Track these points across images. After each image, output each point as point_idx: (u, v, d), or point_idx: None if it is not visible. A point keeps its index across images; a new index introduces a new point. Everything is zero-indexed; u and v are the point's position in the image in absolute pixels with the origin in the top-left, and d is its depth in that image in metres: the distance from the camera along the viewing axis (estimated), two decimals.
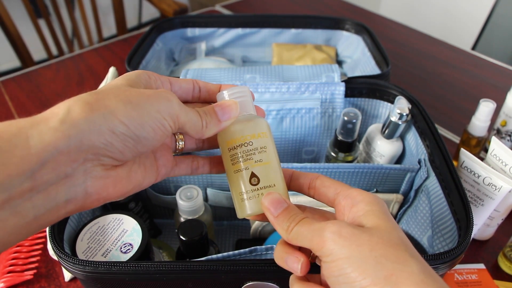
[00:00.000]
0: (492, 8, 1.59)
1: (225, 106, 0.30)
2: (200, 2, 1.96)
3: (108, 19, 1.90)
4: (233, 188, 0.31)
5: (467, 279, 0.53)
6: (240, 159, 0.30)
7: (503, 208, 0.53)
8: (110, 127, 0.24)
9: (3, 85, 0.90)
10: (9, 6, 1.15)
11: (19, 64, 1.20)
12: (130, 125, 0.24)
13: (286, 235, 0.28)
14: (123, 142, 0.25)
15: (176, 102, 0.27)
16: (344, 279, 0.24)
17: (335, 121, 0.59)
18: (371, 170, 0.50)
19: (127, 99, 0.25)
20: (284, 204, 0.29)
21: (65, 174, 0.23)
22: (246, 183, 0.30)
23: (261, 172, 0.30)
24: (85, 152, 0.23)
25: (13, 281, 0.53)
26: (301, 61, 0.80)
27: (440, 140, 0.49)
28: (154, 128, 0.26)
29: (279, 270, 0.36)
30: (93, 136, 0.23)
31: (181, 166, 0.33)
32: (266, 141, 0.31)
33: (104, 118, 0.23)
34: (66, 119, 0.23)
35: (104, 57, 0.99)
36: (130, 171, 0.27)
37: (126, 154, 0.25)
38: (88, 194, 0.24)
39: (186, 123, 0.28)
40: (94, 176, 0.24)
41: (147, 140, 0.26)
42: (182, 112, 0.27)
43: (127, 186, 0.27)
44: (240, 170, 0.30)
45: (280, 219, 0.28)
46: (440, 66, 0.98)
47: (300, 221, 0.28)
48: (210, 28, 0.81)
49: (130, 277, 0.37)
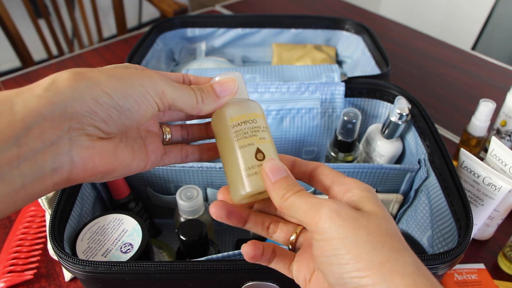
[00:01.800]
0: (492, 8, 1.59)
1: (223, 82, 0.30)
2: (200, 2, 1.96)
3: (108, 19, 1.90)
4: (235, 165, 0.30)
5: (467, 279, 0.53)
6: (246, 135, 0.30)
7: (503, 208, 0.53)
8: (94, 96, 0.24)
9: (3, 85, 0.90)
10: (9, 6, 1.15)
11: (19, 64, 1.20)
12: (114, 95, 0.25)
13: (281, 202, 0.27)
14: (106, 112, 0.25)
15: (160, 78, 0.27)
16: (337, 259, 0.24)
17: (335, 121, 0.59)
18: (371, 170, 0.51)
19: (112, 73, 0.26)
20: (284, 172, 0.28)
21: (51, 141, 0.23)
22: (252, 158, 0.29)
23: (265, 149, 0.30)
24: (69, 120, 0.23)
25: (13, 281, 0.53)
26: (301, 61, 0.80)
27: (440, 140, 0.49)
28: (138, 101, 0.26)
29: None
30: (76, 104, 0.23)
31: (170, 155, 0.33)
32: (266, 123, 0.31)
33: (88, 87, 0.24)
34: (51, 87, 0.23)
35: (104, 57, 0.99)
36: (117, 147, 0.27)
37: (110, 124, 0.25)
38: (74, 164, 0.25)
39: (176, 99, 0.28)
40: (79, 145, 0.24)
41: (130, 112, 0.26)
42: (168, 88, 0.27)
43: (113, 162, 0.27)
44: (246, 146, 0.30)
45: (277, 186, 0.27)
46: (440, 66, 0.98)
47: (298, 191, 0.27)
48: (210, 28, 0.81)
49: (130, 277, 0.37)
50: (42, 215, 0.61)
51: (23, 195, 0.23)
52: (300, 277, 0.29)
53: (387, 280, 0.22)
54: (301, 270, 0.29)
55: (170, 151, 0.33)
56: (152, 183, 0.55)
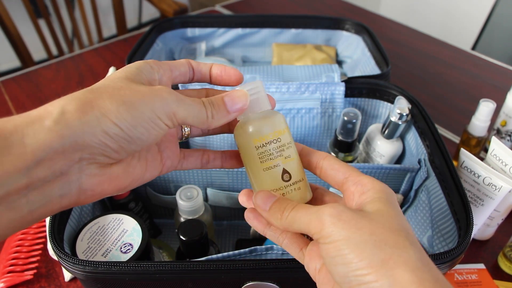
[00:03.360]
0: (492, 8, 1.59)
1: (235, 96, 0.29)
2: (200, 2, 1.96)
3: (108, 19, 1.90)
4: (261, 185, 0.30)
5: (467, 279, 0.53)
6: (271, 156, 0.30)
7: (503, 208, 0.53)
8: (103, 129, 0.24)
9: (3, 85, 0.90)
10: (9, 6, 1.15)
11: (19, 64, 1.20)
12: (123, 126, 0.24)
13: (281, 222, 0.28)
14: (117, 143, 0.25)
15: (172, 99, 0.26)
16: (341, 259, 0.24)
17: (335, 121, 0.59)
18: (371, 170, 0.50)
19: (121, 99, 0.25)
20: (273, 197, 0.29)
21: (60, 172, 0.23)
22: (278, 180, 0.30)
23: (291, 168, 0.30)
24: (80, 151, 0.24)
25: (13, 281, 0.53)
26: (301, 61, 0.80)
27: (440, 140, 0.49)
28: (148, 128, 0.26)
29: (279, 270, 0.36)
30: (87, 137, 0.23)
31: (189, 159, 0.33)
32: (289, 136, 0.30)
33: (98, 120, 0.24)
34: (60, 119, 0.23)
35: (104, 57, 0.99)
36: (128, 166, 0.27)
37: (121, 153, 0.26)
38: (82, 191, 0.25)
39: (187, 117, 0.27)
40: (88, 174, 0.25)
41: (141, 140, 0.26)
42: (180, 108, 0.27)
43: (124, 182, 0.27)
44: (271, 168, 0.30)
45: (271, 211, 0.28)
46: (440, 66, 0.98)
47: (294, 207, 0.28)
48: (210, 28, 0.81)
49: (130, 277, 0.37)
50: None
51: (29, 219, 0.23)
52: (311, 266, 0.30)
53: (389, 276, 0.22)
54: (312, 260, 0.30)
55: (189, 155, 0.33)
56: (152, 183, 0.55)
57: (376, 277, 0.23)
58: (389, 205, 0.26)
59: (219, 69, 0.32)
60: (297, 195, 0.30)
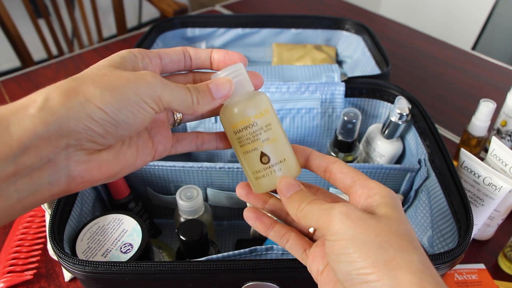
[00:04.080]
0: (492, 8, 1.59)
1: (219, 83, 0.30)
2: (200, 2, 1.96)
3: (108, 19, 1.90)
4: (245, 168, 0.32)
5: (467, 279, 0.53)
6: (247, 141, 0.30)
7: (503, 208, 0.53)
8: (88, 114, 0.24)
9: (3, 85, 0.90)
10: (9, 6, 1.15)
11: (19, 64, 1.20)
12: (108, 110, 0.24)
13: (297, 212, 0.29)
14: (103, 127, 0.25)
15: (156, 83, 0.27)
16: (345, 258, 0.25)
17: (335, 121, 0.59)
18: (371, 170, 0.50)
19: (105, 84, 0.25)
20: (297, 187, 0.30)
21: (48, 159, 0.23)
22: (257, 163, 0.30)
23: (270, 150, 0.30)
24: (66, 137, 0.24)
25: (13, 281, 0.53)
26: (301, 61, 0.80)
27: (440, 140, 0.49)
28: (133, 111, 0.26)
29: (279, 270, 0.36)
30: (72, 122, 0.23)
31: (183, 142, 0.33)
32: (269, 118, 0.31)
33: (81, 105, 0.24)
34: (45, 106, 0.23)
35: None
36: (119, 153, 0.27)
37: (108, 138, 0.25)
38: (71, 178, 0.25)
39: (172, 101, 0.27)
40: (76, 160, 0.25)
41: (127, 124, 0.26)
42: (165, 92, 0.27)
43: (114, 168, 0.27)
44: (249, 151, 0.30)
45: (291, 199, 0.29)
46: (440, 66, 0.98)
47: (311, 201, 0.28)
48: (210, 28, 0.81)
49: (130, 277, 0.37)
50: (42, 215, 0.61)
51: (19, 208, 0.23)
52: (314, 267, 0.30)
53: (391, 276, 0.23)
54: (315, 261, 0.30)
55: (183, 138, 0.33)
56: (152, 183, 0.55)
57: (378, 277, 0.23)
58: (395, 210, 0.27)
59: (221, 54, 0.32)
60: (276, 177, 0.31)
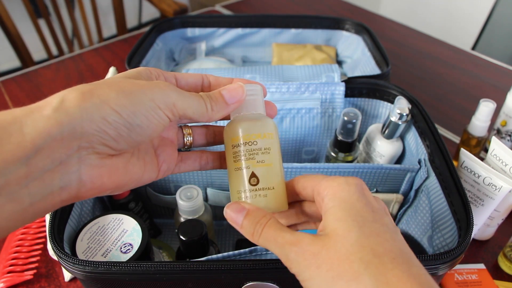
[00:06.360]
0: (492, 8, 1.59)
1: (231, 88, 0.30)
2: (200, 2, 1.96)
3: (108, 19, 1.90)
4: (232, 185, 0.31)
5: (467, 279, 0.53)
6: (242, 157, 0.30)
7: (503, 208, 0.53)
8: (102, 115, 0.24)
9: (3, 85, 0.90)
10: (9, 6, 1.15)
11: (19, 64, 1.20)
12: (122, 112, 0.25)
13: (254, 240, 0.28)
14: (116, 130, 0.25)
15: (171, 90, 0.27)
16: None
17: (335, 121, 0.59)
18: (371, 170, 0.50)
19: (120, 89, 0.25)
20: (243, 210, 0.28)
21: (60, 161, 0.23)
22: (245, 182, 0.30)
23: (262, 173, 0.30)
24: (79, 139, 0.23)
25: (13, 281, 0.53)
26: (301, 61, 0.80)
27: (440, 140, 0.49)
28: (148, 116, 0.26)
29: (279, 270, 0.36)
30: (85, 124, 0.23)
31: (187, 162, 0.33)
32: (271, 142, 0.30)
33: (96, 106, 0.24)
34: (59, 107, 0.23)
35: (104, 57, 0.99)
36: (128, 162, 0.27)
37: (120, 142, 0.25)
38: (82, 182, 0.25)
39: (187, 108, 0.27)
40: (88, 164, 0.25)
41: (141, 128, 0.26)
42: (179, 99, 0.27)
43: (123, 177, 0.27)
44: (241, 169, 0.30)
45: (243, 229, 0.28)
46: (440, 66, 0.98)
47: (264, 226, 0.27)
48: (210, 28, 0.81)
49: (130, 277, 0.37)
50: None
51: (31, 213, 0.23)
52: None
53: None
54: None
55: (187, 157, 0.33)
56: (152, 183, 0.55)
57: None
58: (342, 217, 0.26)
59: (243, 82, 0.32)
60: (261, 201, 0.29)
